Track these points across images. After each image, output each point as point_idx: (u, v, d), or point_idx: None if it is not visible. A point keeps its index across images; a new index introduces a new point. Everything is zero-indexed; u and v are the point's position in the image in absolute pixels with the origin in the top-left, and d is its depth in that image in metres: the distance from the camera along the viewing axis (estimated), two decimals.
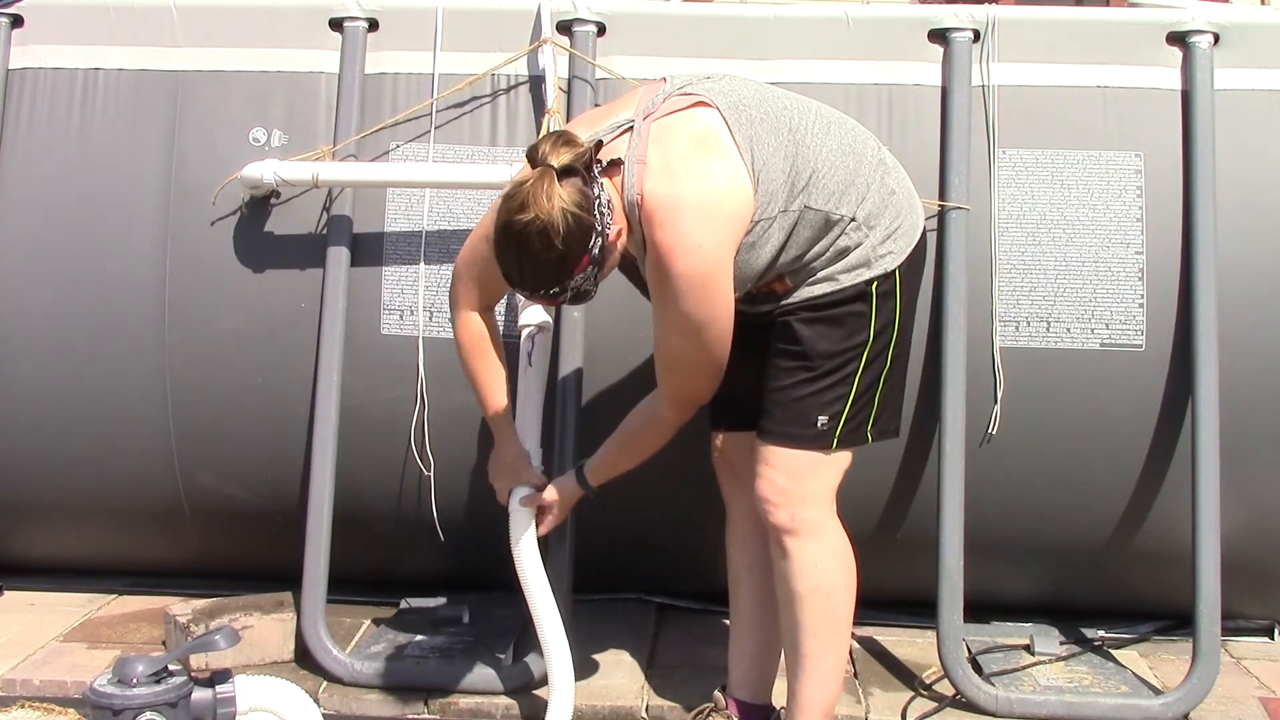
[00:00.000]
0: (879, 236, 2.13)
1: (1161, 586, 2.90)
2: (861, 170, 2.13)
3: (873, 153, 2.18)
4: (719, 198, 2.02)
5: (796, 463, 2.16)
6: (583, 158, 2.00)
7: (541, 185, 1.96)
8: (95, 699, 1.98)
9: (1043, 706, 2.58)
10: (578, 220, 1.97)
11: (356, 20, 2.95)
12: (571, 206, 1.96)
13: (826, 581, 2.16)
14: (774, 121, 2.10)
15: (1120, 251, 2.81)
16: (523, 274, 2.03)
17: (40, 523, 3.12)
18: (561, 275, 2.01)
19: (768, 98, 2.15)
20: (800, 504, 2.15)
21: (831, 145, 2.12)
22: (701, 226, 2.00)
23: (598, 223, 2.00)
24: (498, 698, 2.58)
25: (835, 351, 2.13)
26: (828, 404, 2.14)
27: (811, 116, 2.15)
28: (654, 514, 2.87)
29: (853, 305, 2.13)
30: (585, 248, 1.99)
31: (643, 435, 2.32)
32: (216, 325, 2.92)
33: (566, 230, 1.96)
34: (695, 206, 2.00)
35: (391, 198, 2.92)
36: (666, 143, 2.06)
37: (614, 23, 2.94)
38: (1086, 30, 2.92)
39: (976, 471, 2.74)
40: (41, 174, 2.98)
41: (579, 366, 2.78)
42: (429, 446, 2.87)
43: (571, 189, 1.97)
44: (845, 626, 2.21)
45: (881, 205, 2.14)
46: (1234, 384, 2.73)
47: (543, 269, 2.01)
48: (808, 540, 2.15)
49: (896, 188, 2.18)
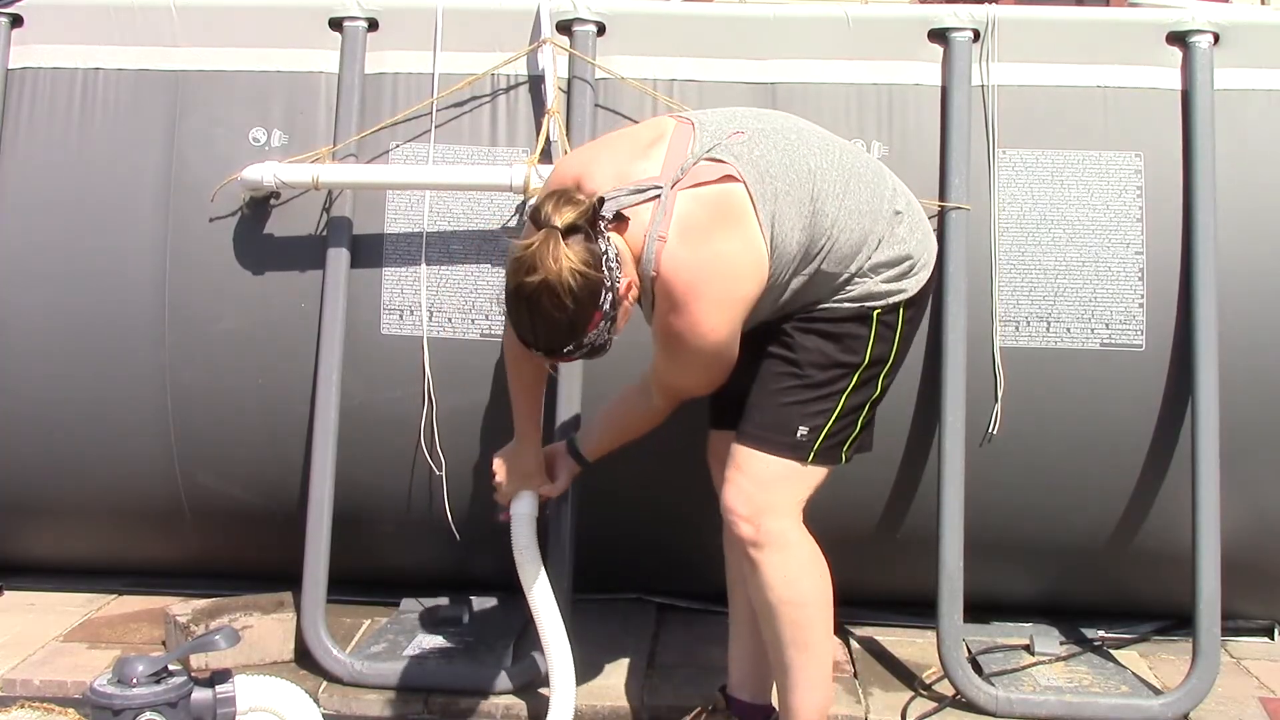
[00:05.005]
0: (885, 278, 2.15)
1: (1161, 586, 2.90)
2: (875, 229, 2.14)
3: (886, 204, 2.17)
4: (736, 282, 2.04)
5: (768, 471, 2.14)
6: (586, 215, 2.00)
7: (548, 247, 1.96)
8: (95, 699, 1.98)
9: (1043, 706, 2.58)
10: (585, 279, 1.97)
11: (356, 20, 2.95)
12: (579, 265, 1.97)
13: (798, 593, 2.15)
14: (798, 192, 2.09)
15: (1120, 251, 2.81)
16: (536, 335, 2.05)
17: (40, 523, 3.12)
18: (575, 333, 2.03)
19: (795, 159, 2.11)
20: (766, 515, 2.14)
21: (849, 207, 2.12)
22: (716, 313, 2.04)
23: (606, 279, 2.00)
24: (498, 698, 2.58)
25: (827, 364, 2.14)
26: (811, 415, 2.14)
27: (834, 174, 2.13)
28: (654, 514, 2.88)
29: (852, 325, 2.14)
30: (596, 304, 2.01)
31: (634, 418, 2.35)
32: (216, 325, 2.92)
33: (576, 290, 1.97)
34: (711, 294, 2.03)
35: (391, 198, 2.92)
36: (688, 221, 2.04)
37: (614, 23, 2.94)
38: (1086, 30, 2.92)
39: (976, 471, 2.74)
40: (41, 174, 2.98)
41: (579, 367, 2.77)
42: (438, 446, 2.87)
43: (578, 248, 1.98)
44: (824, 633, 2.20)
45: (890, 256, 2.16)
46: (1234, 384, 2.73)
47: (556, 329, 2.02)
48: (774, 553, 2.13)
49: (907, 235, 2.19)
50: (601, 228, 2.03)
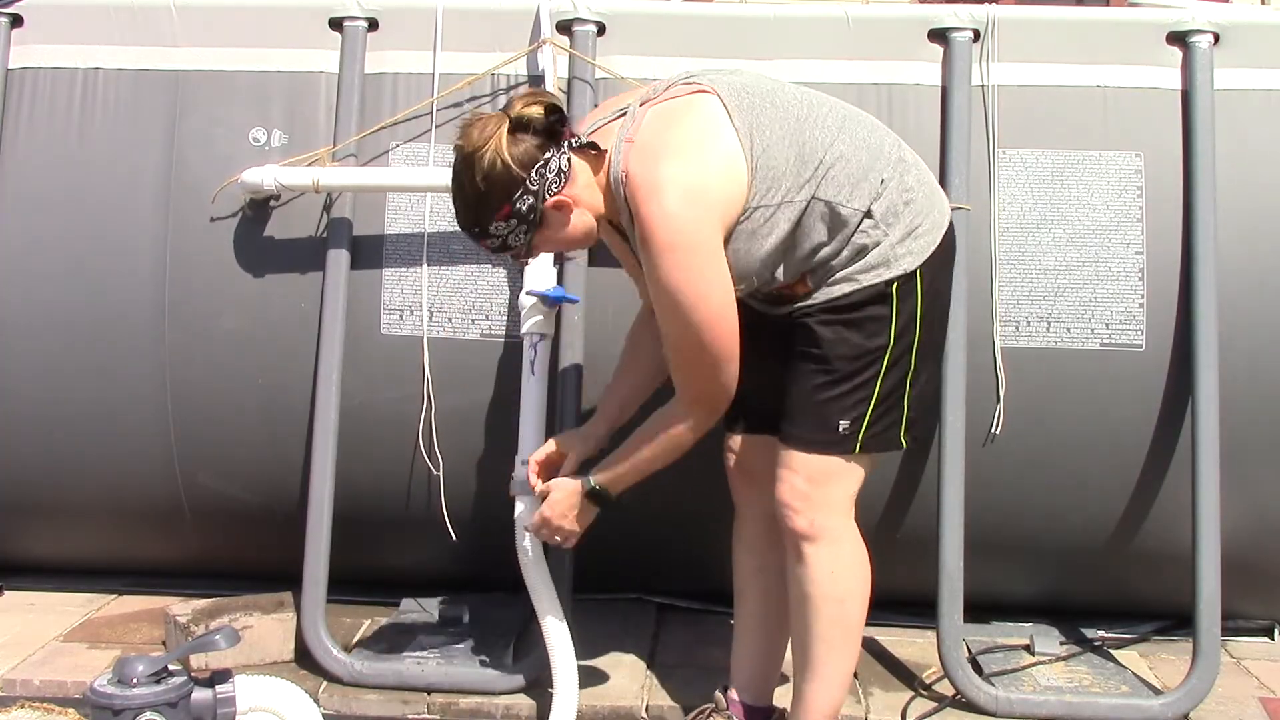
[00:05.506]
0: (898, 235, 2.08)
1: (1161, 586, 2.90)
2: (876, 166, 2.09)
3: (890, 149, 2.13)
4: (706, 178, 2.01)
5: (818, 468, 2.13)
6: (544, 119, 2.05)
7: (487, 125, 2.06)
8: (95, 699, 1.98)
9: (1043, 706, 2.58)
10: (505, 169, 2.03)
11: (356, 20, 2.95)
12: (506, 155, 2.03)
13: (841, 589, 2.15)
14: (780, 110, 2.08)
15: (1120, 251, 2.81)
16: (453, 203, 2.13)
17: (40, 522, 3.12)
18: (481, 216, 2.08)
19: (778, 89, 2.13)
20: (820, 510, 2.13)
21: (845, 139, 2.09)
22: (686, 205, 1.98)
23: (531, 181, 2.05)
24: (498, 698, 2.58)
25: (855, 354, 2.09)
26: (849, 408, 2.10)
27: (825, 109, 2.13)
28: (654, 514, 2.87)
29: (872, 307, 2.08)
30: (509, 198, 2.05)
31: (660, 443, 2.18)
32: (216, 325, 2.92)
33: (489, 174, 2.04)
34: (679, 183, 1.98)
35: (392, 198, 2.92)
36: (658, 125, 2.06)
37: (614, 23, 2.94)
38: (1086, 30, 2.92)
39: (976, 471, 2.74)
40: (41, 174, 2.98)
41: (580, 368, 2.78)
42: (436, 446, 2.87)
43: (519, 143, 2.04)
44: (856, 633, 2.19)
45: (900, 203, 2.09)
46: (1234, 384, 2.73)
47: (465, 203, 2.10)
48: (825, 547, 2.13)
49: (916, 185, 2.12)
50: (565, 145, 2.08)
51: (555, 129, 2.07)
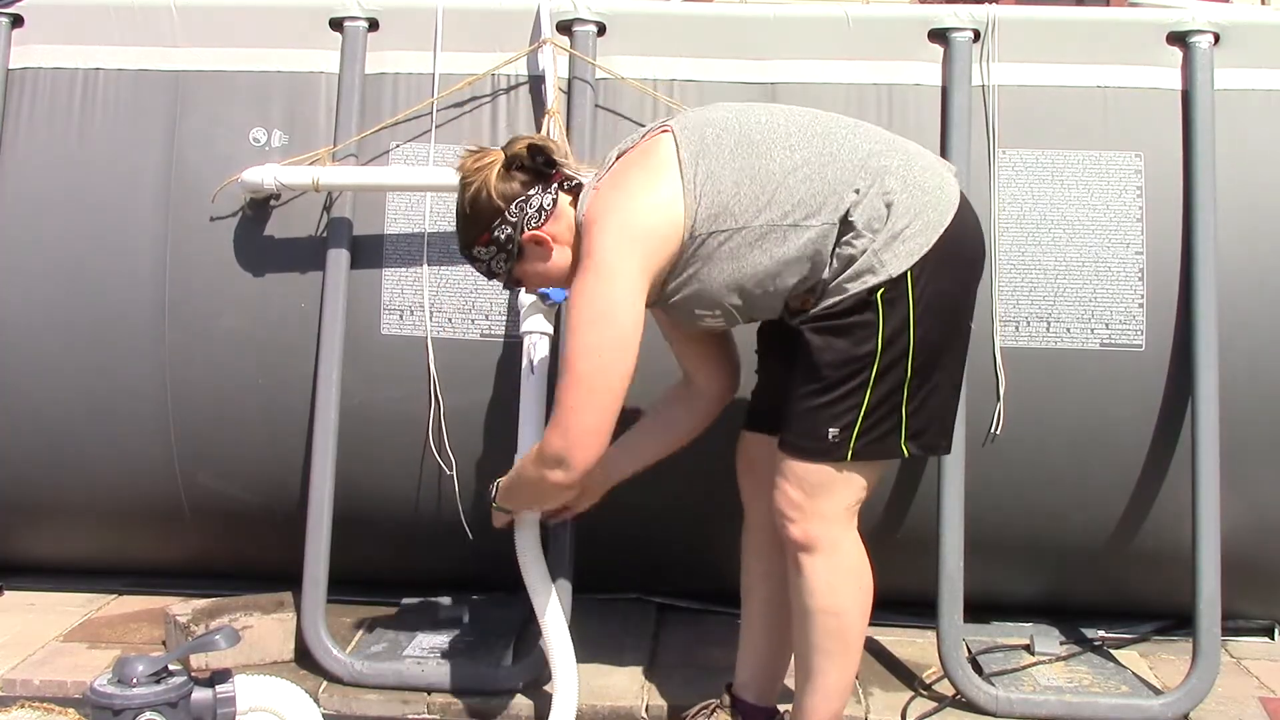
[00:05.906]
0: (882, 240, 2.05)
1: (1161, 586, 2.90)
2: (845, 178, 2.07)
3: (862, 158, 2.10)
4: (634, 212, 2.09)
5: (811, 477, 2.11)
6: (529, 158, 2.19)
7: (485, 157, 2.23)
8: (95, 699, 1.98)
9: (1043, 706, 2.58)
10: (488, 199, 2.19)
11: (356, 20, 2.95)
12: (491, 189, 2.19)
13: (837, 602, 2.14)
14: (732, 138, 2.11)
15: (1120, 251, 2.81)
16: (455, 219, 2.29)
17: (40, 522, 3.12)
18: (468, 238, 2.25)
19: (742, 117, 2.15)
20: (814, 520, 2.12)
21: (800, 158, 2.08)
22: (611, 235, 2.07)
23: (511, 214, 2.19)
24: (498, 698, 2.58)
25: (842, 361, 2.07)
26: (839, 415, 2.08)
27: (786, 129, 2.12)
28: (654, 513, 2.87)
29: (859, 315, 2.06)
30: (487, 227, 2.21)
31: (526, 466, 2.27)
32: (216, 325, 2.92)
33: (474, 199, 2.20)
34: (611, 216, 2.09)
35: (392, 198, 2.92)
36: (619, 170, 2.16)
37: (614, 23, 2.94)
38: (1086, 30, 2.92)
39: (977, 471, 2.74)
40: (41, 174, 2.98)
41: None
42: (447, 446, 2.88)
43: (507, 178, 2.20)
44: (856, 644, 2.18)
45: (881, 207, 2.06)
46: (1234, 384, 2.73)
47: (457, 223, 2.27)
48: (822, 558, 2.12)
49: (898, 188, 2.07)
50: (553, 186, 2.21)
51: (543, 171, 2.20)
